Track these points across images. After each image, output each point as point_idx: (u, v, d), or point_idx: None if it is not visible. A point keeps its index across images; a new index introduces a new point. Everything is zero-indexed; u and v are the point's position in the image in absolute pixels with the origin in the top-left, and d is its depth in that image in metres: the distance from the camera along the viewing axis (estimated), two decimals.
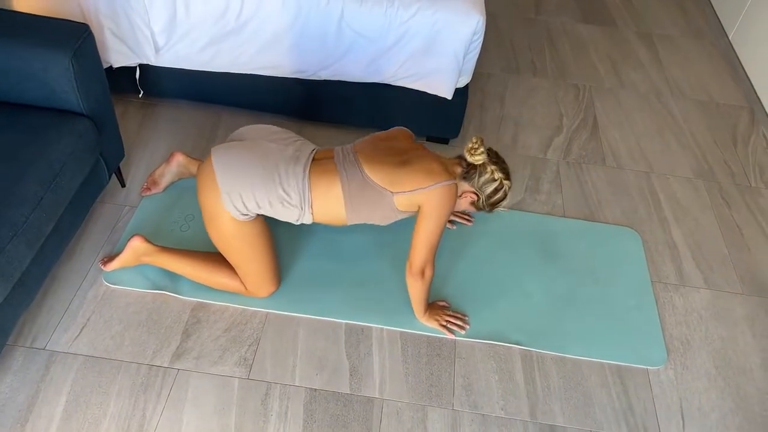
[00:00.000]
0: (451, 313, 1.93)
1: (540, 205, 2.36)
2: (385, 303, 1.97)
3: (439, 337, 1.91)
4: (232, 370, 1.78)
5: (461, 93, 2.37)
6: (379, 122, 2.45)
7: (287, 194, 1.70)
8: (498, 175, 1.75)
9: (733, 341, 2.00)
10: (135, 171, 2.29)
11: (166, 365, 1.77)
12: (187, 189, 2.21)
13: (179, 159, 2.14)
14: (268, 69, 2.31)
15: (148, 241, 1.88)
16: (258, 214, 1.77)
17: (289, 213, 1.75)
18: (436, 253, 1.79)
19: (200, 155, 2.38)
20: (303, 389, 1.76)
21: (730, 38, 3.39)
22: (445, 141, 2.58)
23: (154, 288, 1.92)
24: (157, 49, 2.27)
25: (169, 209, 2.15)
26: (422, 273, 1.78)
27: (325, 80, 2.34)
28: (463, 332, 1.91)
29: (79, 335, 1.81)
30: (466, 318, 1.94)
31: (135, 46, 2.26)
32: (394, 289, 1.99)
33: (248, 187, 1.68)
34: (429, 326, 1.91)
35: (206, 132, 2.49)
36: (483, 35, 2.19)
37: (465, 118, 2.64)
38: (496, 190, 1.77)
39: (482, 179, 1.76)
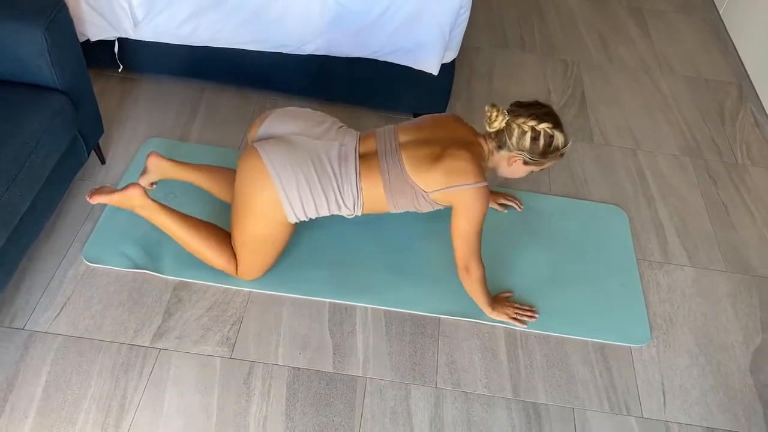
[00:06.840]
0: (519, 306, 1.92)
1: (525, 183, 2.34)
2: (370, 282, 1.95)
3: (422, 316, 1.90)
4: (215, 350, 1.76)
5: (448, 68, 2.33)
6: (364, 99, 2.41)
7: (344, 202, 1.74)
8: (528, 125, 1.67)
9: (716, 319, 2.01)
10: (115, 148, 2.24)
11: (147, 345, 1.75)
12: None
13: (155, 161, 1.98)
14: (250, 43, 2.26)
15: (147, 195, 1.79)
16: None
17: (342, 213, 1.78)
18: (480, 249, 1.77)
19: (181, 132, 2.34)
20: (286, 368, 1.75)
21: (720, 13, 3.35)
22: None
23: (134, 267, 1.90)
24: (135, 23, 2.21)
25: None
26: (467, 269, 1.77)
27: (309, 55, 2.29)
28: (533, 321, 1.91)
29: (58, 315, 1.79)
30: (534, 308, 1.94)
31: (113, 19, 2.19)
32: (379, 268, 1.98)
33: (308, 196, 1.69)
34: (499, 320, 1.90)
35: (187, 108, 2.44)
36: (470, 8, 2.15)
37: (452, 94, 2.60)
38: (534, 140, 1.68)
39: (513, 139, 1.70)
